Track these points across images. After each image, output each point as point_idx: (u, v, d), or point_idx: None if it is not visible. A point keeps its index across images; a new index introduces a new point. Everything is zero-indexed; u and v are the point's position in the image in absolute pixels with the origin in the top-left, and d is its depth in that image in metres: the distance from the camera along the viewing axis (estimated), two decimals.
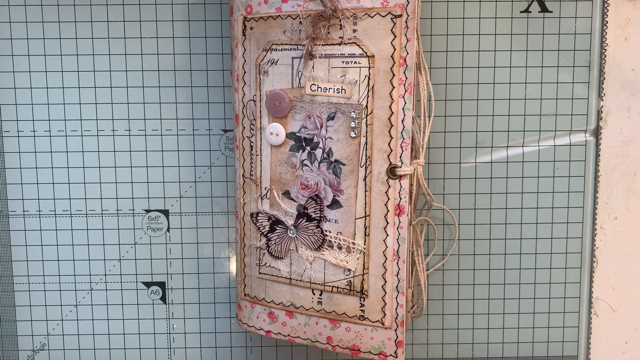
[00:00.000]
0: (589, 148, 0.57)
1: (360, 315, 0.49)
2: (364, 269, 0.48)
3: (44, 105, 0.56)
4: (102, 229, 0.58)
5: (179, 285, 0.59)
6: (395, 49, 0.45)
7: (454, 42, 0.55)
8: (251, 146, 0.51)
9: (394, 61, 0.45)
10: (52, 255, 0.58)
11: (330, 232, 0.49)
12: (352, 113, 0.47)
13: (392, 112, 0.46)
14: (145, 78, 0.56)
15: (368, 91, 0.46)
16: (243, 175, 0.52)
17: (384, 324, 0.49)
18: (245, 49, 0.50)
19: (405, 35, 0.45)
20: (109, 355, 0.60)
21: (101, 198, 0.57)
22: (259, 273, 0.52)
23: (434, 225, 0.56)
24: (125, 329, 0.59)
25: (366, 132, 0.47)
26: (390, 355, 0.49)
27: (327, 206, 0.49)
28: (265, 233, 0.51)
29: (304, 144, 0.48)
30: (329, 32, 0.46)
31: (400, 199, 0.47)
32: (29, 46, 0.55)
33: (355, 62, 0.46)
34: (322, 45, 0.47)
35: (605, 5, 0.55)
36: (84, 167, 0.57)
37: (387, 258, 0.48)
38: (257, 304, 0.53)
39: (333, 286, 0.49)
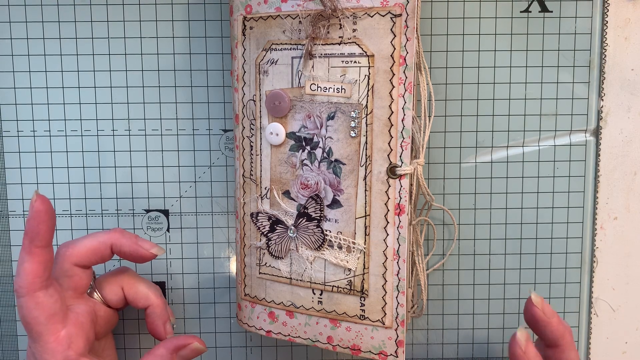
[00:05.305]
0: (589, 148, 0.57)
1: (360, 315, 0.49)
2: (364, 268, 0.48)
3: (43, 105, 0.56)
4: (102, 229, 0.58)
5: (179, 285, 0.59)
6: (395, 48, 0.45)
7: (454, 42, 0.55)
8: (251, 146, 0.51)
9: (393, 60, 0.45)
10: None
11: (330, 231, 0.49)
12: (352, 112, 0.47)
13: (392, 112, 0.46)
14: (145, 78, 0.56)
15: (368, 90, 0.46)
16: (243, 175, 0.52)
17: (384, 324, 0.49)
18: (245, 49, 0.50)
19: (405, 34, 0.45)
20: None
21: (101, 198, 0.57)
22: (259, 273, 0.52)
23: (433, 226, 0.56)
24: (124, 329, 0.59)
25: (366, 132, 0.47)
26: (391, 354, 0.49)
27: (327, 206, 0.48)
28: (265, 233, 0.51)
29: (303, 143, 0.48)
30: (328, 32, 0.46)
31: (401, 198, 0.47)
32: (28, 46, 0.55)
33: (355, 62, 0.46)
34: (321, 44, 0.47)
35: (605, 5, 0.55)
36: (83, 167, 0.57)
37: (388, 257, 0.48)
38: (257, 303, 0.53)
39: (333, 286, 0.49)
